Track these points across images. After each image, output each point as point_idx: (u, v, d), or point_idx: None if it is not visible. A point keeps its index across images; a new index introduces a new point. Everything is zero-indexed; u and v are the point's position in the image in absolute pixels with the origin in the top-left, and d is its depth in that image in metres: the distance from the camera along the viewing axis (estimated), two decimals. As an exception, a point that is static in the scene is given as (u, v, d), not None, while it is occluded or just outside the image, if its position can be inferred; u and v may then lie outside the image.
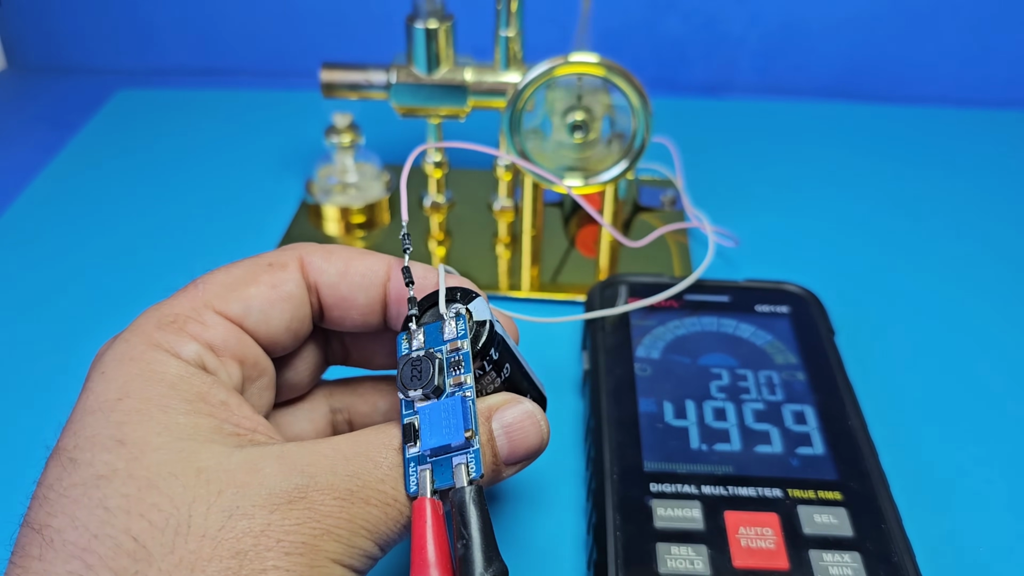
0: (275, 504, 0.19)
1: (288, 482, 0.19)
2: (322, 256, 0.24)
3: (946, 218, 0.46)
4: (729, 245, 0.42)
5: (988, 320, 0.39)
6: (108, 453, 0.19)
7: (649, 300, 0.34)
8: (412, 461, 0.21)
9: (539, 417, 0.22)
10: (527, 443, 0.22)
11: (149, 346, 0.21)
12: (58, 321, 0.38)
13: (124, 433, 0.19)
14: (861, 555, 0.25)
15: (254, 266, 0.23)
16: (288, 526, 0.19)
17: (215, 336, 0.22)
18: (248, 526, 0.19)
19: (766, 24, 0.58)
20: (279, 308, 0.23)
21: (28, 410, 0.34)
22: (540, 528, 0.29)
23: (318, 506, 0.19)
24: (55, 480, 0.19)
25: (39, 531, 0.18)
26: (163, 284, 0.40)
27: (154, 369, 0.20)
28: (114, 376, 0.20)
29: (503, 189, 0.44)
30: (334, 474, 0.20)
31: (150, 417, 0.20)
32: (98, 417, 0.20)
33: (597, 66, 0.37)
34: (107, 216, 0.46)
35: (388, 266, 0.25)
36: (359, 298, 0.24)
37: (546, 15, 0.58)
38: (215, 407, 0.21)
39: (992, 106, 0.58)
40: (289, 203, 0.46)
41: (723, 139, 0.53)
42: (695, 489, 0.27)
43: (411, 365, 0.21)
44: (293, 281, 0.23)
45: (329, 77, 0.41)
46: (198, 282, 0.23)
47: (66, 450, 0.19)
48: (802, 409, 0.31)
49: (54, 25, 0.62)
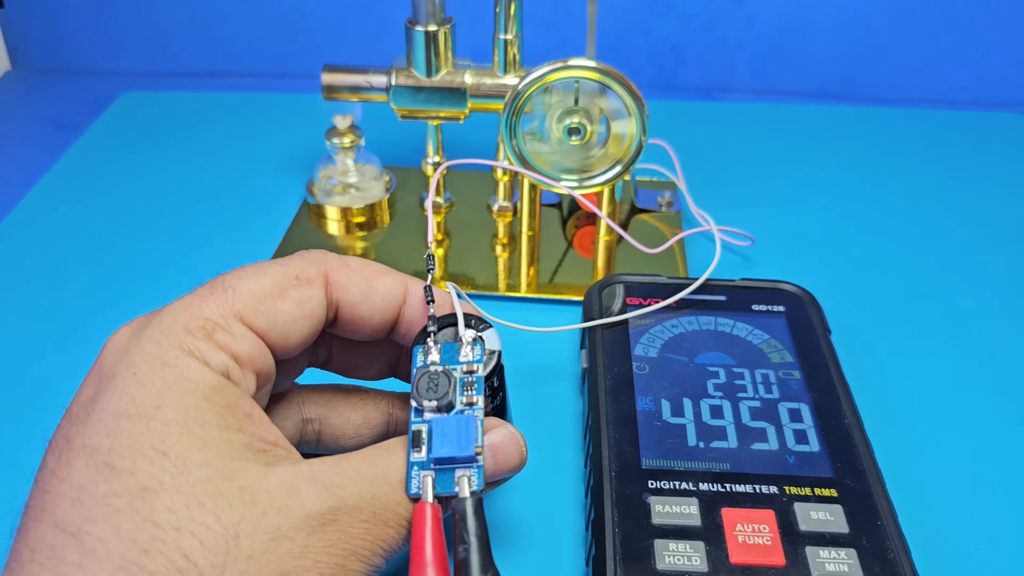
0: (312, 527, 0.20)
1: (322, 504, 0.20)
2: (346, 274, 0.25)
3: (942, 218, 0.46)
4: (745, 244, 0.43)
5: (985, 319, 0.39)
6: (151, 464, 0.19)
7: (663, 303, 0.35)
8: (416, 465, 0.22)
9: (520, 440, 0.24)
10: (509, 463, 0.23)
11: (181, 351, 0.21)
12: (62, 321, 0.39)
13: (167, 445, 0.19)
14: (857, 552, 0.25)
15: (282, 278, 0.23)
16: (323, 547, 0.20)
17: (241, 348, 0.22)
18: (290, 548, 0.19)
19: (762, 27, 0.59)
20: (300, 325, 0.23)
21: (29, 411, 0.34)
22: (539, 524, 0.30)
23: (348, 528, 0.20)
24: (89, 483, 0.19)
25: (75, 536, 0.18)
26: (166, 283, 0.41)
27: (188, 377, 0.21)
28: (148, 380, 0.20)
29: (501, 190, 0.45)
30: (360, 497, 0.21)
31: (189, 431, 0.20)
32: (136, 423, 0.19)
33: (594, 70, 0.37)
34: (112, 216, 0.46)
35: (406, 289, 0.25)
36: (375, 318, 0.25)
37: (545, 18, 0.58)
38: (242, 420, 0.21)
39: (988, 108, 0.58)
40: (291, 203, 0.47)
41: (720, 141, 0.53)
42: (692, 486, 0.28)
43: (428, 378, 0.23)
44: (317, 299, 0.24)
45: (330, 79, 0.42)
46: (226, 284, 0.23)
47: (100, 452, 0.19)
48: (798, 407, 0.31)
49: (59, 27, 0.62)
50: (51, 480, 0.19)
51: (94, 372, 0.22)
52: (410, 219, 0.46)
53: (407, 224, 0.45)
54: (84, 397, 0.21)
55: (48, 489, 0.19)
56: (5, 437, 0.33)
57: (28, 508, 0.20)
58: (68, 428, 0.20)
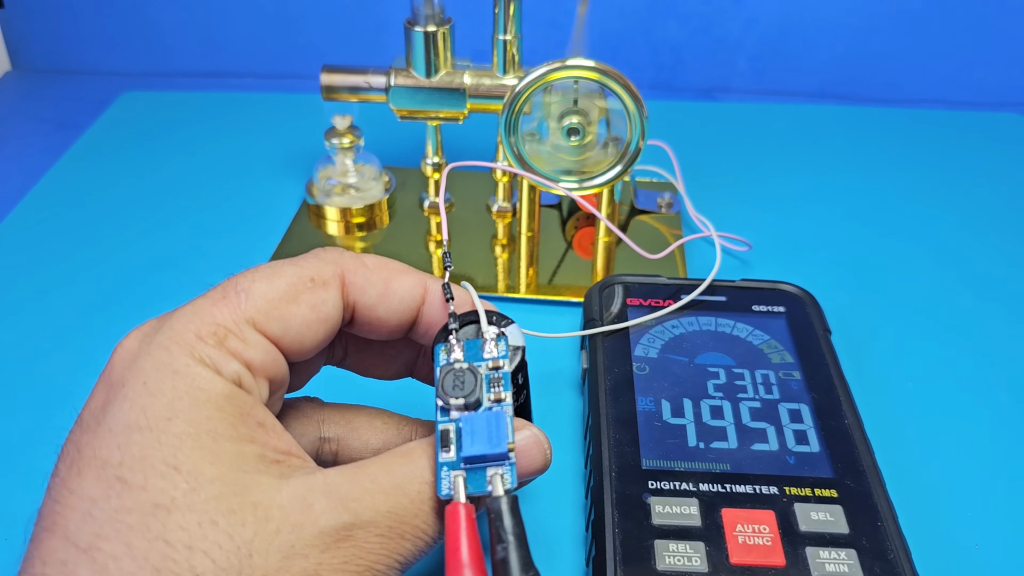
0: (326, 543, 0.19)
1: (337, 520, 0.20)
2: (363, 275, 0.24)
3: (942, 219, 0.46)
4: (743, 250, 0.43)
5: (984, 319, 0.39)
6: (163, 480, 0.19)
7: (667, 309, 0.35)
8: (445, 465, 0.21)
9: (544, 443, 0.23)
10: (533, 465, 0.23)
11: (192, 359, 0.20)
12: (62, 321, 0.39)
13: (178, 459, 0.19)
14: (857, 552, 0.25)
15: (297, 280, 0.23)
16: (337, 564, 0.19)
17: (254, 356, 0.21)
18: (303, 566, 0.19)
19: (762, 27, 0.59)
20: (315, 329, 0.23)
21: (28, 411, 0.34)
22: (539, 525, 0.30)
23: (363, 543, 0.20)
24: (101, 497, 0.19)
25: (87, 552, 0.18)
26: (165, 283, 0.41)
27: (200, 387, 0.20)
28: (159, 390, 0.20)
29: (501, 191, 0.45)
30: (376, 511, 0.20)
31: (201, 444, 0.19)
32: (147, 436, 0.19)
33: (593, 70, 0.37)
34: (112, 216, 0.46)
35: (424, 289, 0.25)
36: (393, 320, 0.25)
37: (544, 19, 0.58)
38: (255, 430, 0.21)
39: (987, 108, 0.58)
40: (290, 203, 0.47)
41: (720, 141, 0.53)
42: (693, 487, 0.28)
43: (454, 375, 0.23)
44: (332, 302, 0.23)
45: (329, 80, 0.42)
46: (239, 288, 0.22)
47: (111, 465, 0.19)
48: (798, 407, 0.31)
49: (59, 27, 0.62)
50: (62, 491, 0.19)
51: (104, 379, 0.21)
52: (409, 219, 0.46)
53: (406, 224, 0.45)
54: (94, 404, 0.21)
55: (60, 500, 0.19)
56: (5, 437, 0.33)
57: (40, 517, 0.19)
58: (79, 436, 0.20)
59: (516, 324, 0.24)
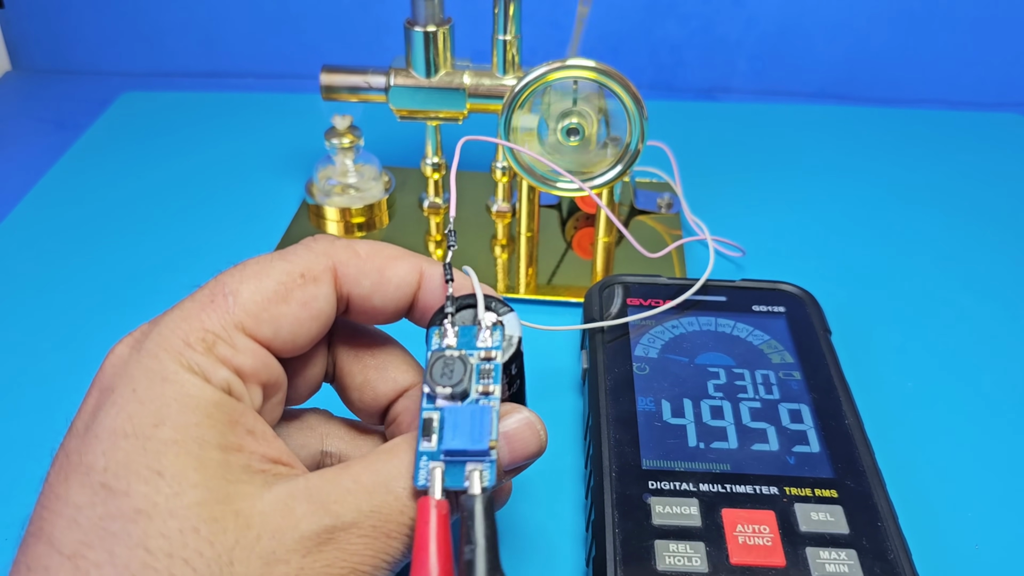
0: (307, 548, 0.19)
1: (318, 523, 0.19)
2: (356, 265, 0.23)
3: (942, 219, 0.46)
4: (736, 256, 0.43)
5: (984, 319, 0.39)
6: (146, 485, 0.19)
7: (659, 308, 0.35)
8: (425, 455, 0.21)
9: (538, 425, 0.23)
10: (527, 450, 0.22)
11: (181, 367, 0.20)
12: (63, 321, 0.39)
13: (162, 465, 0.19)
14: (857, 552, 0.25)
15: (286, 278, 0.22)
16: (319, 568, 0.19)
17: (244, 362, 0.21)
18: (285, 572, 0.19)
19: (762, 27, 0.59)
20: (307, 327, 0.22)
21: (28, 411, 0.34)
22: (539, 525, 0.30)
23: (346, 546, 0.20)
24: (86, 504, 0.18)
25: (71, 559, 0.18)
26: (165, 284, 0.41)
27: (188, 394, 0.20)
28: (147, 397, 0.20)
29: (500, 191, 0.45)
30: (358, 511, 0.20)
31: (187, 450, 0.19)
32: (133, 443, 0.19)
33: (592, 70, 0.37)
34: (112, 216, 0.46)
35: (420, 274, 0.24)
36: (389, 307, 0.24)
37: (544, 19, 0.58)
38: (243, 438, 0.20)
39: (987, 108, 0.58)
40: (290, 203, 0.47)
41: (720, 141, 0.53)
42: (693, 487, 0.28)
43: (443, 362, 0.22)
44: (324, 298, 0.22)
45: (329, 80, 0.42)
46: (227, 290, 0.21)
47: (96, 471, 0.19)
48: (798, 408, 0.31)
49: (59, 27, 0.62)
50: (50, 497, 0.19)
51: (96, 385, 0.21)
52: (409, 219, 0.46)
53: (406, 224, 0.45)
54: (85, 411, 0.20)
55: (47, 506, 0.19)
56: (5, 437, 0.33)
57: (30, 522, 0.19)
58: (69, 442, 0.20)
59: (515, 313, 0.23)
